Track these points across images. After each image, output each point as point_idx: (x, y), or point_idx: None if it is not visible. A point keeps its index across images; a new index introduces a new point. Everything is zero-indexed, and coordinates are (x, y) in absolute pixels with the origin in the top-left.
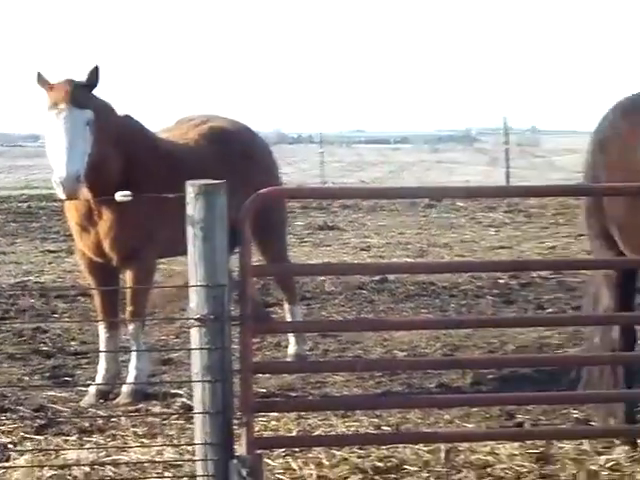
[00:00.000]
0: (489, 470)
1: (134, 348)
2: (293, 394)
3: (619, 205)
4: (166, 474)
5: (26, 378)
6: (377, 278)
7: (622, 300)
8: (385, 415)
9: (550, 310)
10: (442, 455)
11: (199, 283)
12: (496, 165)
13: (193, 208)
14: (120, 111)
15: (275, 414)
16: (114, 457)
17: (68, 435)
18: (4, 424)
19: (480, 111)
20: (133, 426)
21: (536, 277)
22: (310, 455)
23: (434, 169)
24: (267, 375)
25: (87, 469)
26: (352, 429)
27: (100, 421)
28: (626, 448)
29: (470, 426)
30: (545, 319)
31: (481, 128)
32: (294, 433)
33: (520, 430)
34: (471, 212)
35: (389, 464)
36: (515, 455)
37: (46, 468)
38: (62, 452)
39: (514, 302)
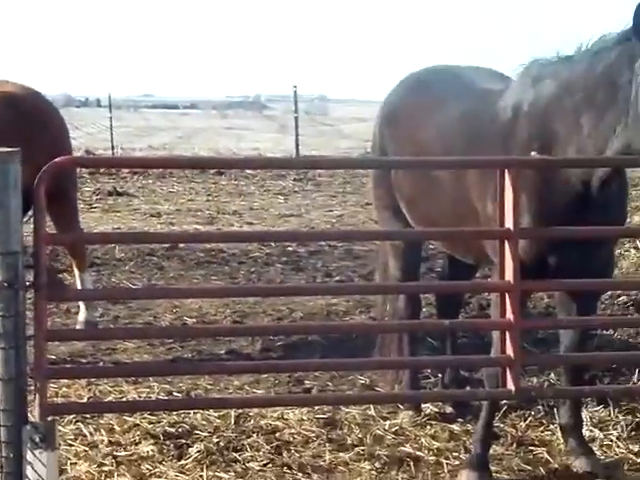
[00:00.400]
0: (278, 435)
1: None
2: (84, 360)
3: (405, 178)
4: None
5: None
6: (167, 245)
7: (408, 270)
8: (176, 381)
9: (337, 278)
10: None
11: None
12: (285, 133)
13: None
14: None
15: (66, 381)
16: None
17: None
18: None
19: (270, 78)
20: None
21: (325, 245)
22: (102, 421)
23: (223, 135)
24: (56, 342)
25: None
26: (143, 395)
27: None
28: (410, 413)
29: (259, 392)
30: (333, 288)
31: (270, 95)
32: (85, 400)
33: (308, 395)
34: (260, 180)
35: (180, 429)
36: (304, 420)
37: None
38: None
39: (303, 270)
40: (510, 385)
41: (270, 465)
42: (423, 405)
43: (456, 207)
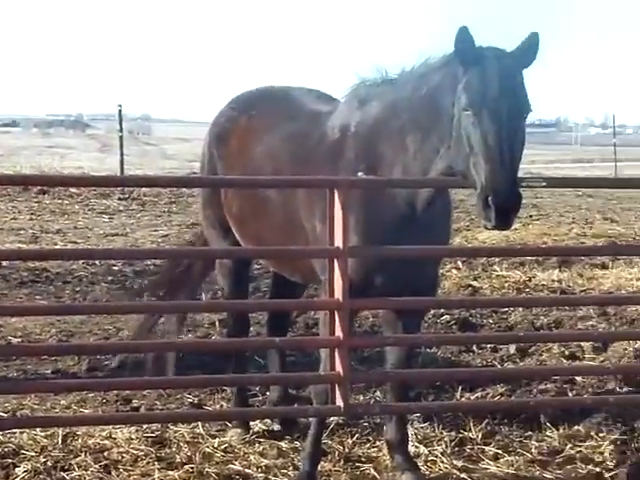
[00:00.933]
0: (106, 454)
1: None
2: None
3: (235, 198)
4: None
5: None
6: None
7: (237, 288)
8: (1, 401)
9: None
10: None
11: None
12: (109, 152)
13: None
14: None
15: None
16: None
17: None
18: None
19: (92, 96)
20: None
21: (150, 265)
22: None
23: (45, 154)
24: None
25: None
26: None
27: None
28: (239, 431)
29: (87, 411)
30: (160, 306)
31: (93, 114)
32: None
33: (136, 413)
34: (85, 199)
35: (6, 449)
36: (132, 439)
37: None
38: None
39: (129, 289)
40: (339, 402)
41: None
42: (251, 423)
43: (285, 227)
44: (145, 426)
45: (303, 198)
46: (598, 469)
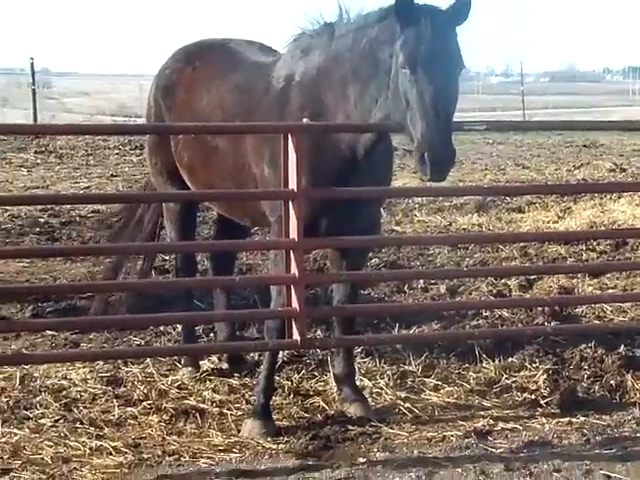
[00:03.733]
0: (64, 393)
1: None
2: None
3: (186, 148)
4: None
5: None
6: None
7: (184, 232)
8: None
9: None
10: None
11: None
12: (9, 106)
13: None
14: None
15: None
16: None
17: None
18: None
19: None
20: None
21: (75, 216)
22: None
23: None
24: None
25: None
26: None
27: None
28: (189, 369)
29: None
30: (109, 248)
31: None
32: None
33: (92, 351)
34: (1, 152)
35: None
36: (87, 379)
37: None
38: None
39: (58, 240)
40: (296, 336)
41: (62, 421)
42: (200, 362)
43: (235, 174)
44: (98, 367)
45: (252, 145)
46: (533, 397)
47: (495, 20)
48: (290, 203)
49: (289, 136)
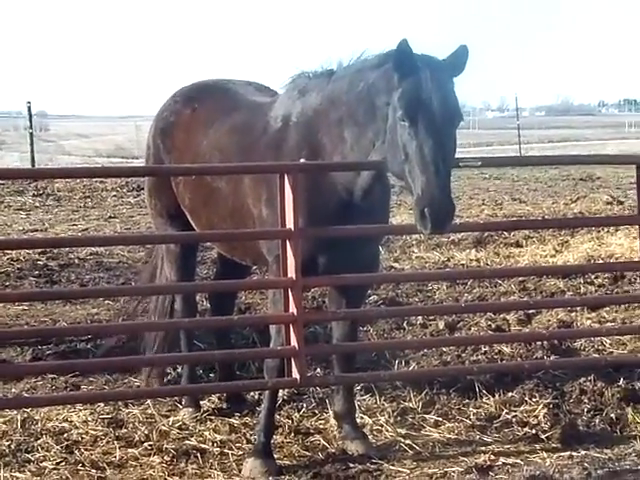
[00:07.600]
0: (66, 435)
1: None
2: None
3: (187, 189)
4: None
5: None
6: None
7: (184, 273)
8: None
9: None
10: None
11: None
12: (7, 149)
13: None
14: None
15: None
16: None
17: None
18: None
19: None
20: None
21: (74, 258)
22: None
23: None
24: None
25: None
26: None
27: None
28: (190, 410)
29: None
30: (109, 290)
31: None
32: None
33: (87, 393)
34: None
35: None
36: (89, 421)
37: None
38: None
39: (57, 282)
40: (295, 374)
41: (63, 463)
42: (201, 402)
43: (235, 214)
44: (99, 408)
45: (250, 185)
46: (534, 431)
47: (490, 55)
48: (287, 242)
49: (285, 176)
